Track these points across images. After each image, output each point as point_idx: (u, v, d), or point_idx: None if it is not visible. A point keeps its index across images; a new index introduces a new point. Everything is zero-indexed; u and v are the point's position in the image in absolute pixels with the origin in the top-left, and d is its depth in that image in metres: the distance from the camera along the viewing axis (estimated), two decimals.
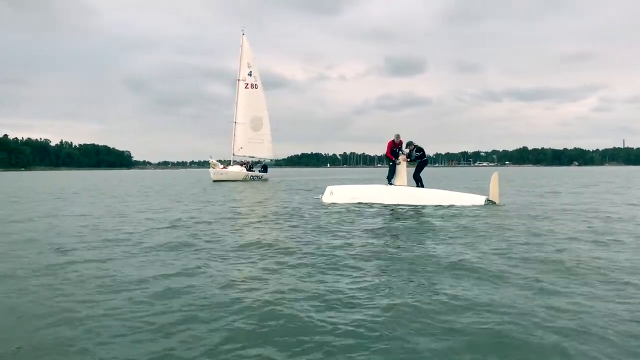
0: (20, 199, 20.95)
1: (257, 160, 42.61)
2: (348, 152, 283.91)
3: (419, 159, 15.51)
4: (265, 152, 42.05)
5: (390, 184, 15.50)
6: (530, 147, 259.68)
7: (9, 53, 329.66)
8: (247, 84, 41.07)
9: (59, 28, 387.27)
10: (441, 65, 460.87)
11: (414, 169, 15.81)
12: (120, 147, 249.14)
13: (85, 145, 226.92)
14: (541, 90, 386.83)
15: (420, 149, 15.48)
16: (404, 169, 15.39)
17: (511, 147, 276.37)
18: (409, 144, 15.53)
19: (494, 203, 13.75)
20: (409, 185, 15.49)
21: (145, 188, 30.21)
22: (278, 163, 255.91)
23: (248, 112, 40.97)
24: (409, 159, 15.35)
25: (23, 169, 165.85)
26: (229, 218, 11.83)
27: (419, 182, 15.52)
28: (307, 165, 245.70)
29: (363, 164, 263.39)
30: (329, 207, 13.96)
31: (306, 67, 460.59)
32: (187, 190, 27.00)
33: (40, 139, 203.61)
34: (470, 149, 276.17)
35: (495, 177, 14.04)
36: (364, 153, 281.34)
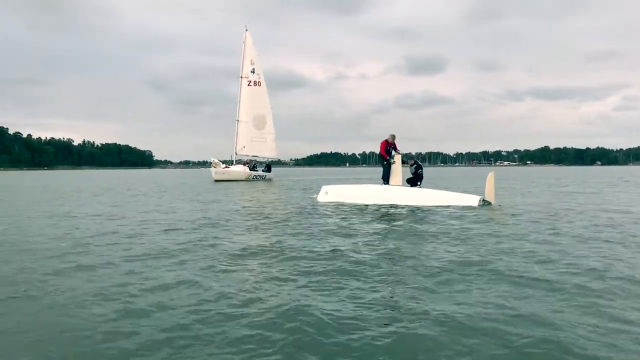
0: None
1: (262, 159, 41.57)
2: (367, 152, 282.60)
3: (416, 174, 15.89)
4: (268, 152, 40.92)
5: (386, 183, 15.33)
6: (552, 147, 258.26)
7: (34, 54, 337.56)
8: (250, 82, 40.00)
9: (82, 29, 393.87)
10: (462, 64, 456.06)
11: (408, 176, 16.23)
12: (141, 147, 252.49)
13: (107, 144, 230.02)
14: (564, 89, 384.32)
15: (420, 167, 16.09)
16: (399, 169, 15.23)
17: (533, 146, 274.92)
18: (410, 157, 16.59)
19: (489, 203, 13.47)
20: (403, 185, 15.46)
21: (145, 188, 29.45)
22: (297, 162, 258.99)
23: (251, 110, 39.91)
24: (412, 173, 15.89)
25: (46, 168, 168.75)
26: (213, 220, 11.34)
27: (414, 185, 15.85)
28: (326, 164, 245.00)
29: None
30: (322, 207, 13.86)
31: (326, 66, 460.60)
32: (189, 190, 26.09)
33: (63, 138, 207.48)
34: (492, 148, 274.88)
35: (490, 177, 13.72)
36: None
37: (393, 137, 15.44)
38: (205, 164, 37.58)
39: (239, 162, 40.09)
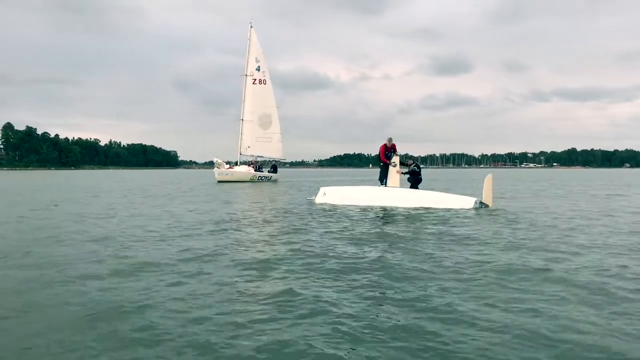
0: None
1: (268, 160, 40.43)
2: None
3: (415, 175, 15.76)
4: (274, 152, 39.73)
5: (383, 185, 15.44)
6: (579, 149, 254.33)
7: (63, 55, 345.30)
8: (255, 80, 38.87)
9: (109, 30, 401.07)
10: (488, 64, 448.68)
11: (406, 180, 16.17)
12: (167, 147, 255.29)
13: (133, 144, 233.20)
14: (592, 90, 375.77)
15: (418, 166, 16.05)
16: (396, 170, 15.26)
17: (559, 148, 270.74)
18: (408, 157, 16.60)
19: (486, 206, 13.42)
20: (402, 186, 15.50)
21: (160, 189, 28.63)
22: (321, 163, 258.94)
23: (256, 109, 38.77)
24: (404, 172, 15.60)
25: (73, 167, 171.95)
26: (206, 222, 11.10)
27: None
28: (349, 165, 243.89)
29: None
30: (319, 209, 13.94)
31: (350, 67, 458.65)
32: (189, 191, 25.38)
33: (90, 138, 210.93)
34: (517, 150, 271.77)
35: (488, 179, 13.64)
36: (407, 153, 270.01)
37: (390, 140, 15.60)
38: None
39: (243, 162, 38.98)
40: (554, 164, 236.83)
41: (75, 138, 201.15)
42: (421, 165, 16.58)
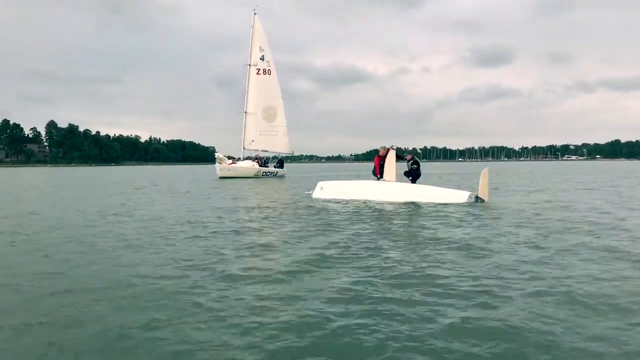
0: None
1: (275, 154, 38.34)
2: (429, 146, 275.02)
3: (414, 171, 15.70)
4: (280, 146, 37.56)
5: (379, 179, 15.48)
6: (623, 140, 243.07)
7: (106, 53, 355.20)
8: (259, 70, 36.73)
9: (150, 28, 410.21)
10: (530, 55, 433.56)
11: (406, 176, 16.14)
12: (205, 143, 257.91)
13: (172, 141, 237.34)
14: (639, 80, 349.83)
15: (416, 162, 15.92)
16: (392, 165, 15.18)
17: (603, 140, 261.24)
18: (408, 152, 16.67)
19: (482, 200, 13.39)
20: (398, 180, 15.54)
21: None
22: (357, 158, 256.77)
23: (260, 101, 36.66)
24: (405, 173, 15.72)
25: (113, 163, 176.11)
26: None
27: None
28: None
29: (443, 158, 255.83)
30: (316, 203, 14.08)
31: (388, 60, 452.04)
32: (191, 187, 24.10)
33: (131, 135, 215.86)
34: (559, 142, 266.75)
35: (484, 173, 13.63)
36: (445, 147, 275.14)
37: (384, 147, 15.54)
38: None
39: (248, 157, 37.01)
40: (597, 156, 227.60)
41: (116, 135, 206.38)
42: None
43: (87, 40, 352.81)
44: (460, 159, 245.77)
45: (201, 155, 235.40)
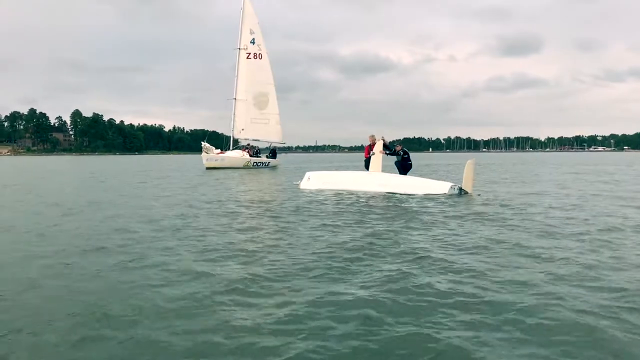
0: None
1: (269, 144, 36.50)
2: (452, 137, 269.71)
3: (405, 161, 15.94)
4: (272, 135, 35.66)
5: (366, 169, 15.93)
6: None
7: (132, 43, 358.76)
8: (250, 54, 34.76)
9: (175, 17, 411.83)
10: (558, 43, 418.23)
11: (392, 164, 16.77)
12: (228, 133, 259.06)
13: (195, 130, 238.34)
14: None
15: (406, 152, 16.10)
16: (379, 156, 15.54)
17: (632, 130, 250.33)
18: (397, 143, 16.62)
19: (465, 192, 13.38)
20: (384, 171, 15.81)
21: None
22: None
23: (251, 87, 34.75)
24: (387, 153, 15.74)
25: (137, 153, 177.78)
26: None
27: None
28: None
29: (467, 148, 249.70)
30: (303, 194, 14.22)
31: (413, 49, 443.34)
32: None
33: (155, 124, 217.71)
34: (586, 132, 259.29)
35: (469, 164, 13.59)
36: (469, 137, 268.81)
37: (373, 137, 15.86)
38: (290, 150, 33.97)
39: (237, 147, 35.26)
40: (625, 147, 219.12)
41: (141, 124, 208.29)
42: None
43: (115, 29, 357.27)
44: (484, 149, 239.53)
45: (222, 144, 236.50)
